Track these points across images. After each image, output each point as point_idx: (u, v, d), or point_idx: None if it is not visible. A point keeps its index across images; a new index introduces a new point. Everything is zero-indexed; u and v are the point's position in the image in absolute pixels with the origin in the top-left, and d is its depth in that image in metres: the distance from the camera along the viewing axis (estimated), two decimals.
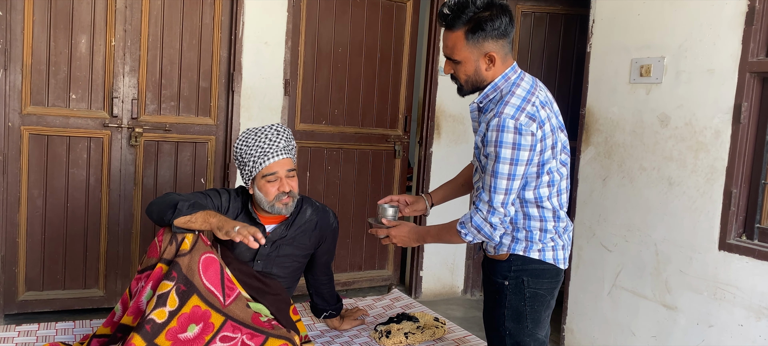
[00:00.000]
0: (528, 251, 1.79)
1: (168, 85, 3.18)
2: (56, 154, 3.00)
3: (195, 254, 1.89)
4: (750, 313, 2.42)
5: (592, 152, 3.10)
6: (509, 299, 1.81)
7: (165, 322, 1.77)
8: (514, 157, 1.65)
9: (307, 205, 2.24)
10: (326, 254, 2.32)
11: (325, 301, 2.41)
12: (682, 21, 2.68)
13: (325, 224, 2.27)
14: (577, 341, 3.16)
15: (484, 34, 1.70)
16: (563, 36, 3.91)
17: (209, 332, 1.84)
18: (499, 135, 1.65)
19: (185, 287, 1.84)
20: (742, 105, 2.44)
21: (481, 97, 1.79)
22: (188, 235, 1.92)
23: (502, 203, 1.68)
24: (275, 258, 2.18)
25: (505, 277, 1.81)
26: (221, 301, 1.89)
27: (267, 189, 2.07)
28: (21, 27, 2.85)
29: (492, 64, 1.74)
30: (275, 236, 2.16)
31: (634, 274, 2.88)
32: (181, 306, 1.81)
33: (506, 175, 1.66)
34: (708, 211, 2.57)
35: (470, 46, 1.72)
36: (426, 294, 3.96)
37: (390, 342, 2.33)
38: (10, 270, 2.96)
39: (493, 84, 1.76)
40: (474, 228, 1.72)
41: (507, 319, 1.82)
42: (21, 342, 2.14)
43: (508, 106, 1.67)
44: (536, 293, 1.81)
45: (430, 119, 3.84)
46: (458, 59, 1.76)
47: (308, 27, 3.47)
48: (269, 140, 2.08)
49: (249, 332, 1.90)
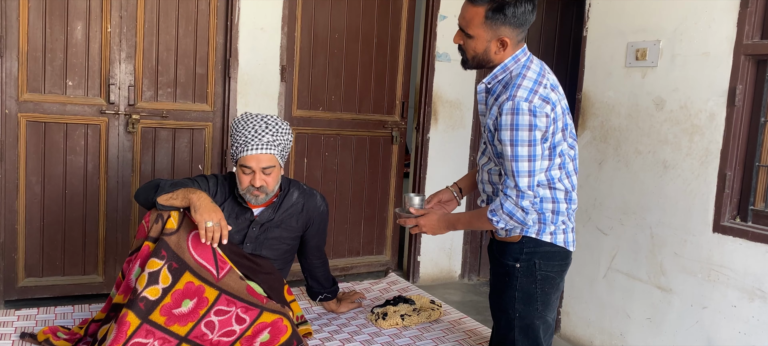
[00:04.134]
0: (541, 234, 1.78)
1: (164, 72, 3.18)
2: (54, 142, 3.01)
3: (183, 232, 1.92)
4: (743, 294, 2.45)
5: (588, 136, 3.11)
6: (520, 282, 1.80)
7: (159, 299, 1.80)
8: (531, 139, 1.64)
9: (294, 188, 2.25)
10: (316, 236, 2.33)
11: (319, 284, 2.43)
12: (677, 4, 2.68)
13: (312, 206, 2.27)
14: (573, 323, 3.19)
15: (504, 18, 1.69)
16: (560, 20, 3.91)
17: (204, 306, 1.87)
18: (515, 118, 1.63)
19: (177, 264, 1.86)
20: (736, 88, 2.45)
21: (489, 78, 1.77)
22: (174, 213, 1.93)
23: (529, 185, 1.66)
24: (264, 240, 2.19)
25: (517, 259, 1.80)
26: (214, 275, 1.91)
27: (241, 177, 2.08)
28: (16, 14, 2.85)
29: (503, 49, 1.73)
30: (263, 219, 2.18)
31: (630, 257, 2.90)
32: (175, 283, 1.83)
33: (527, 156, 1.64)
34: (702, 193, 2.59)
35: (487, 25, 1.71)
36: (424, 279, 3.99)
37: (386, 324, 2.35)
38: (9, 257, 2.98)
39: (503, 65, 1.75)
40: (506, 215, 1.70)
41: (517, 301, 1.81)
42: (21, 326, 2.16)
43: (520, 88, 1.66)
44: (547, 276, 1.80)
45: (428, 105, 3.85)
46: (472, 34, 1.74)
47: (304, 12, 3.47)
48: (254, 131, 2.06)
49: (243, 305, 1.92)
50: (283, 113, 3.45)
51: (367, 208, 3.87)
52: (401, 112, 3.90)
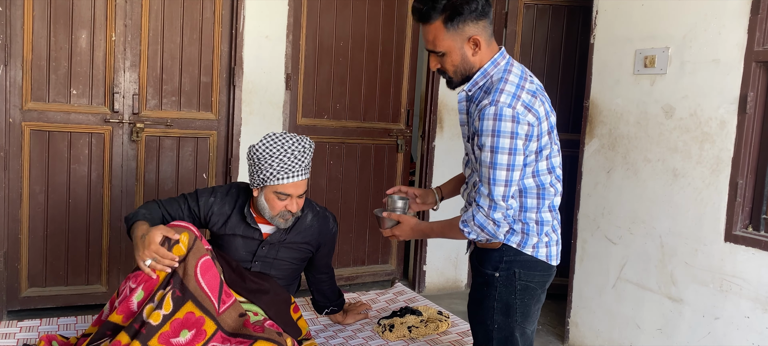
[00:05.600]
0: (523, 246, 1.72)
1: (169, 80, 3.16)
2: (57, 150, 2.99)
3: (191, 259, 1.85)
4: (757, 305, 2.40)
5: (596, 144, 3.07)
6: (499, 292, 1.74)
7: (159, 325, 1.76)
8: (512, 147, 1.58)
9: (307, 209, 2.19)
10: (325, 256, 2.30)
11: (326, 298, 2.40)
12: (686, 11, 2.66)
13: (325, 229, 2.23)
14: (582, 334, 3.14)
15: (462, 18, 1.63)
16: (566, 28, 3.88)
17: (201, 339, 1.83)
18: (496, 123, 1.57)
19: (180, 292, 1.82)
20: (747, 95, 2.42)
21: (470, 85, 1.71)
22: (183, 238, 1.86)
23: (503, 196, 1.60)
24: (273, 260, 2.15)
25: (496, 268, 1.74)
26: (216, 308, 1.86)
27: (274, 203, 2.01)
28: (21, 22, 2.84)
29: (478, 49, 1.67)
30: (274, 239, 2.13)
31: (639, 266, 2.86)
32: (175, 311, 1.79)
33: (505, 165, 1.58)
34: (714, 202, 2.55)
35: (451, 34, 1.65)
36: (429, 288, 3.95)
37: (393, 336, 2.32)
38: (12, 266, 2.96)
39: (483, 70, 1.69)
40: (477, 226, 1.65)
41: (496, 312, 1.75)
42: (22, 338, 2.13)
43: (503, 93, 1.60)
44: (527, 286, 1.74)
45: (433, 113, 3.82)
46: (442, 50, 1.68)
47: (309, 21, 3.45)
48: (294, 158, 1.98)
49: (238, 341, 1.87)
50: (288, 121, 3.43)
51: (372, 217, 3.84)
52: (406, 121, 3.87)
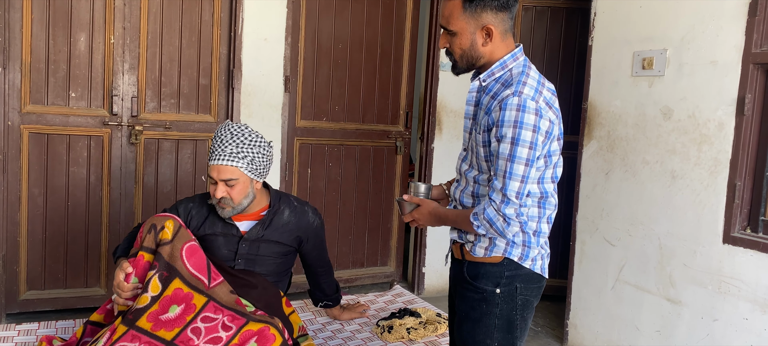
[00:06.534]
0: (524, 259, 1.64)
1: (168, 83, 3.17)
2: (56, 153, 2.99)
3: (177, 243, 1.93)
4: (755, 306, 2.40)
5: (595, 146, 3.08)
6: (501, 309, 1.64)
7: (147, 306, 1.83)
8: (533, 141, 1.50)
9: (284, 205, 2.18)
10: (315, 249, 2.29)
11: (322, 292, 2.41)
12: (684, 13, 2.66)
13: (305, 223, 2.21)
14: (581, 336, 3.14)
15: (482, 4, 1.58)
16: (565, 30, 3.89)
17: (191, 312, 1.86)
18: (520, 115, 1.49)
19: (167, 273, 1.88)
20: (745, 97, 2.42)
21: (486, 75, 1.63)
22: (168, 224, 1.94)
23: (517, 192, 1.51)
24: (256, 257, 2.15)
25: (497, 284, 1.64)
26: (206, 283, 1.93)
27: (210, 187, 2.05)
28: (19, 25, 2.84)
29: (489, 39, 1.60)
30: (252, 236, 2.14)
31: (638, 268, 2.86)
32: (164, 290, 1.87)
33: (525, 159, 1.50)
34: (712, 204, 2.55)
35: (467, 16, 1.59)
36: (429, 290, 3.95)
37: (392, 337, 2.32)
38: (11, 269, 2.95)
39: (502, 62, 1.62)
40: (486, 221, 1.55)
41: (497, 329, 1.65)
42: (21, 341, 2.13)
43: (526, 86, 1.54)
44: (527, 301, 1.67)
45: (432, 115, 3.82)
46: (454, 30, 1.62)
47: (308, 23, 3.46)
48: (219, 140, 2.01)
49: (230, 313, 1.91)
50: (287, 124, 3.43)
51: (371, 219, 3.84)
52: (405, 122, 3.87)
